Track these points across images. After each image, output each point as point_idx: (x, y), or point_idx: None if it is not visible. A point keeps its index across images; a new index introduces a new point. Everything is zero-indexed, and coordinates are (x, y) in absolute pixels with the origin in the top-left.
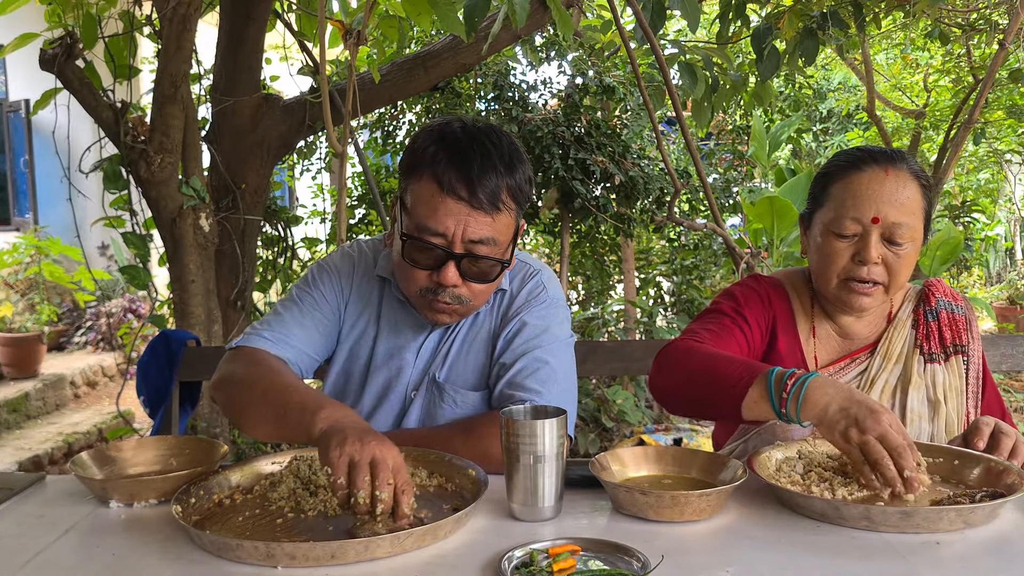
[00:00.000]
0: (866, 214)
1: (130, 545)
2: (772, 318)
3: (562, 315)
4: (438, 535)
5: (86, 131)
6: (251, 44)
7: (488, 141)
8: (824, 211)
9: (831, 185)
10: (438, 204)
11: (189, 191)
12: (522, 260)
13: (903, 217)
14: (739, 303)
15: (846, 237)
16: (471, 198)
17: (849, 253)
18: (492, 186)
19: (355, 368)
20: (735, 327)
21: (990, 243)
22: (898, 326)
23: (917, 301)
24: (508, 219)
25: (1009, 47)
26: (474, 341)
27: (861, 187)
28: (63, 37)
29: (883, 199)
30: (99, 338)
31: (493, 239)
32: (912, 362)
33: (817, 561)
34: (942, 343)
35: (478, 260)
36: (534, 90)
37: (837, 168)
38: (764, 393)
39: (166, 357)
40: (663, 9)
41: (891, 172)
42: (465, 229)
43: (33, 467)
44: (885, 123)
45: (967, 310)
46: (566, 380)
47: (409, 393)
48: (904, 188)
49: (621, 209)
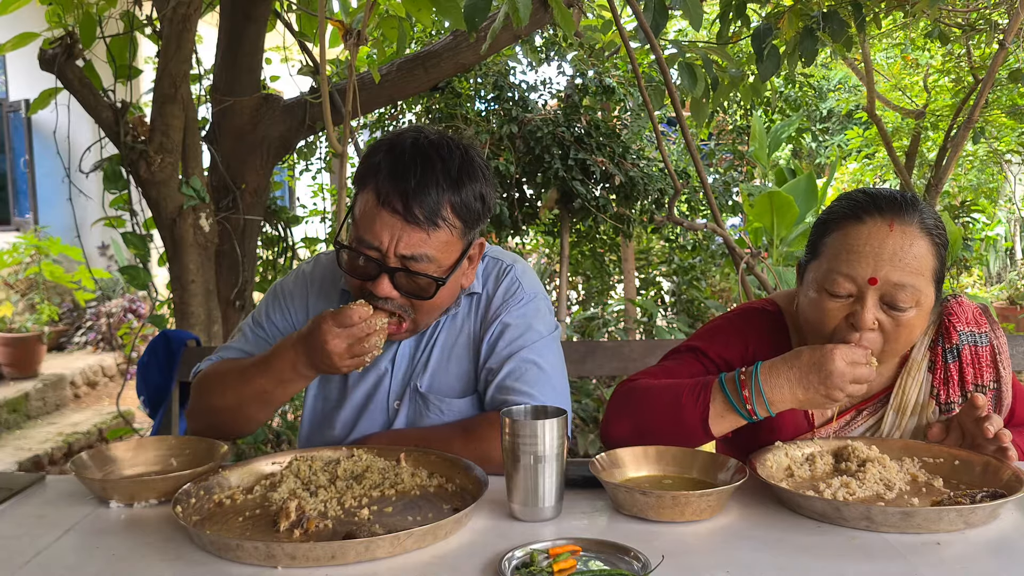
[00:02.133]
0: (862, 273)
1: (130, 545)
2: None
3: (542, 308)
4: (438, 535)
5: (86, 131)
6: (251, 44)
7: (436, 155)
8: (817, 264)
9: (827, 235)
10: (374, 217)
11: (189, 191)
12: (493, 256)
13: (907, 278)
14: (704, 338)
15: (839, 297)
16: (405, 212)
17: (842, 314)
18: (431, 202)
19: (331, 387)
20: (696, 362)
21: (990, 243)
22: (912, 371)
23: (936, 333)
24: (448, 236)
25: (1009, 47)
26: (454, 347)
27: (859, 242)
28: (63, 37)
29: (883, 257)
30: (99, 338)
31: (427, 256)
32: (927, 413)
33: (817, 561)
34: (962, 387)
35: (412, 275)
36: (534, 90)
37: (836, 216)
38: (727, 404)
39: (166, 357)
40: (664, 9)
41: (896, 226)
42: (398, 243)
43: (33, 467)
44: (885, 123)
45: (994, 336)
46: (556, 377)
47: (392, 404)
48: (911, 246)
49: (620, 209)
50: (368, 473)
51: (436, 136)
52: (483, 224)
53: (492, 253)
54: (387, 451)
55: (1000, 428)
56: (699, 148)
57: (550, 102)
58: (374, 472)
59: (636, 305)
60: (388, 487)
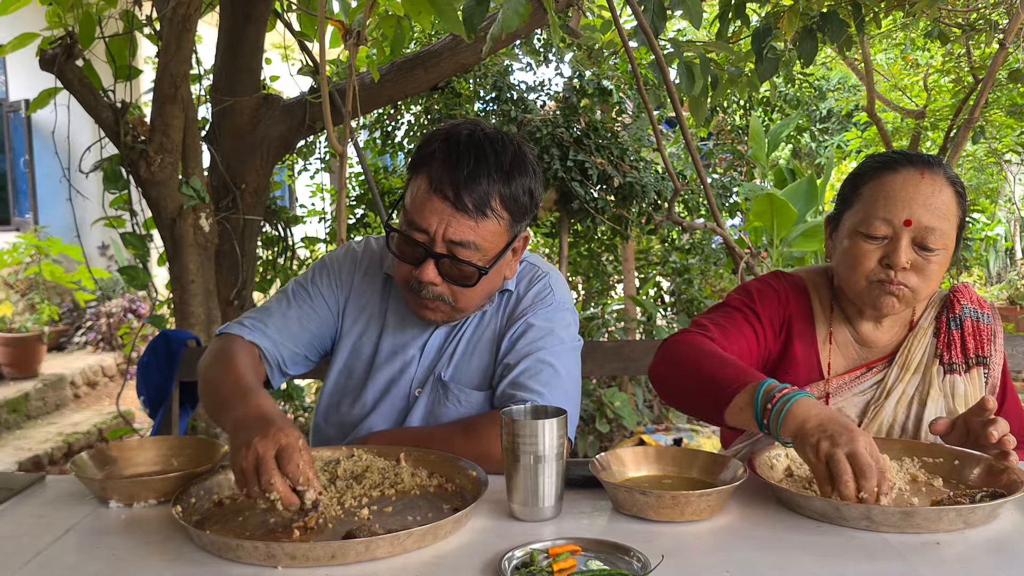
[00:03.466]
0: (898, 216)
1: (130, 545)
2: (788, 318)
3: (568, 319)
4: (438, 535)
5: (86, 131)
6: (251, 44)
7: (490, 147)
8: (853, 211)
9: (862, 185)
10: (425, 201)
11: (189, 191)
12: (531, 262)
13: (937, 222)
14: (753, 299)
15: (875, 239)
16: (456, 199)
17: (877, 256)
18: (481, 191)
19: (358, 364)
20: (745, 323)
21: (990, 243)
22: (919, 334)
23: (941, 307)
24: (496, 227)
25: (1009, 47)
26: (479, 341)
27: (895, 188)
28: (63, 37)
29: (917, 201)
30: (99, 338)
31: (475, 244)
32: (931, 373)
33: (817, 561)
34: (964, 353)
35: (458, 262)
36: (533, 91)
37: (869, 168)
38: (750, 402)
39: (166, 357)
40: (664, 10)
41: (927, 175)
42: (447, 229)
43: (33, 467)
44: (885, 123)
45: (994, 320)
46: (569, 383)
47: (414, 391)
48: (940, 192)
49: (618, 211)
50: (368, 473)
51: (491, 130)
52: (529, 219)
53: (530, 259)
54: (387, 451)
55: (1005, 433)
56: (698, 148)
57: (548, 103)
58: (374, 472)
59: (636, 303)
60: (388, 487)
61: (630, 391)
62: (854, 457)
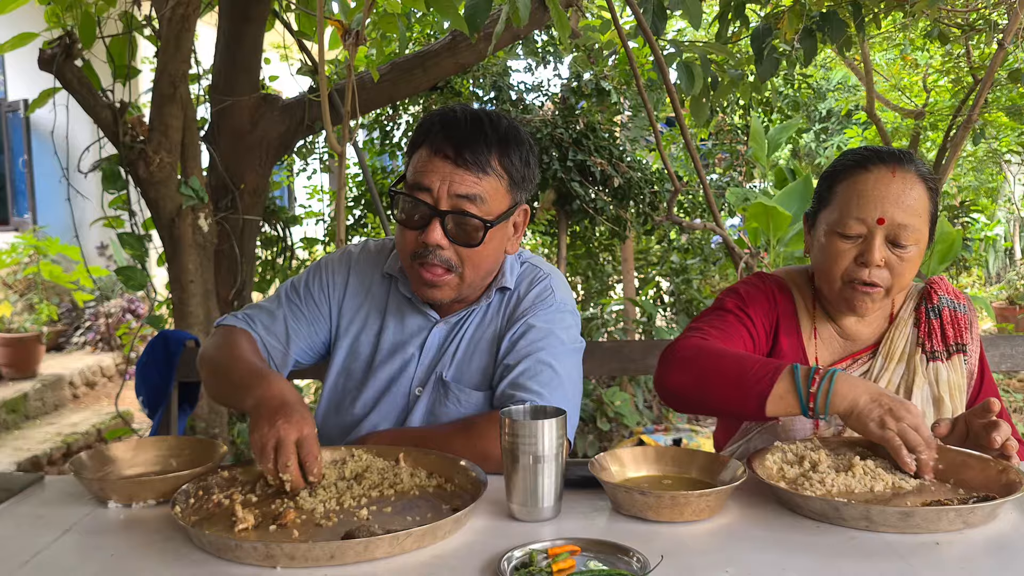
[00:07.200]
0: (871, 215)
1: (129, 545)
2: (776, 317)
3: (569, 321)
4: (438, 535)
5: (85, 131)
6: (250, 44)
7: (486, 118)
8: (829, 211)
9: (837, 184)
10: (427, 163)
11: (188, 191)
12: (532, 264)
13: (909, 219)
14: (744, 301)
15: (850, 238)
16: (456, 157)
17: (852, 254)
18: (479, 150)
19: (356, 365)
20: (740, 325)
21: (990, 243)
22: (900, 325)
23: (919, 299)
24: (496, 184)
25: (1008, 47)
26: (480, 341)
27: (867, 187)
28: (62, 37)
29: (889, 200)
30: (98, 338)
31: (480, 196)
32: (915, 361)
33: (817, 561)
34: (944, 341)
35: (463, 219)
36: (532, 91)
37: (843, 168)
38: (791, 388)
39: (165, 357)
40: (663, 11)
41: (898, 173)
42: (451, 185)
43: (32, 467)
44: (884, 123)
45: (969, 309)
46: (569, 385)
47: (414, 390)
48: (911, 190)
49: (617, 211)
50: (367, 473)
51: (487, 109)
52: (527, 192)
53: (532, 260)
54: (386, 451)
55: (1007, 438)
56: (697, 148)
57: (546, 104)
58: (373, 472)
59: (635, 304)
60: (387, 487)
61: (630, 391)
62: (918, 430)
